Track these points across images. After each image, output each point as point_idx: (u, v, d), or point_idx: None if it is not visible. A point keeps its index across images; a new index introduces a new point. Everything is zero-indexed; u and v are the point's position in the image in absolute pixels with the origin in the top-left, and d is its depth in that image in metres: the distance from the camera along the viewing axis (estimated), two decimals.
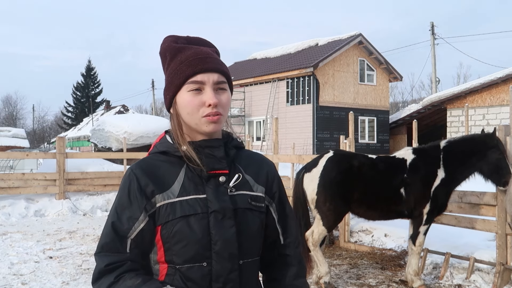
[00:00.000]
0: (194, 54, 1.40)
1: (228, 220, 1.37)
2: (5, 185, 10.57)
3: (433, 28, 29.62)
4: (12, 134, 25.29)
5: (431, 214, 4.98)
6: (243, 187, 1.45)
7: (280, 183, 1.58)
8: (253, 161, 1.54)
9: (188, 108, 1.37)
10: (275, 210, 1.53)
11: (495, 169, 4.78)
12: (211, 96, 1.36)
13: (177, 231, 1.33)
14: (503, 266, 4.97)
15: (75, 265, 6.26)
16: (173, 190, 1.37)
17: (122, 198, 1.38)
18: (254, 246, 1.44)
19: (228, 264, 1.36)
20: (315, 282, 5.28)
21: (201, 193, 1.38)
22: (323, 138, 23.41)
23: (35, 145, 50.92)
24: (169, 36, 1.47)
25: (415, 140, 13.93)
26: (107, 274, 1.31)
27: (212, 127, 1.38)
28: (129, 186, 1.37)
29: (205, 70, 1.38)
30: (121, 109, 45.33)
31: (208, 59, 1.40)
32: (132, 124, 14.25)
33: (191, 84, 1.37)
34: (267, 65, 27.06)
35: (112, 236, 1.35)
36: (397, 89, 60.00)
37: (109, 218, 1.38)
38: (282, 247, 1.54)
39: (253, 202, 1.45)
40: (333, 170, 5.02)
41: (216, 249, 1.34)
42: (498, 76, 19.34)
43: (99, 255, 1.35)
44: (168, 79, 1.42)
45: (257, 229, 1.45)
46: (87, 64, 58.33)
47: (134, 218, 1.35)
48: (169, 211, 1.35)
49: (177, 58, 1.41)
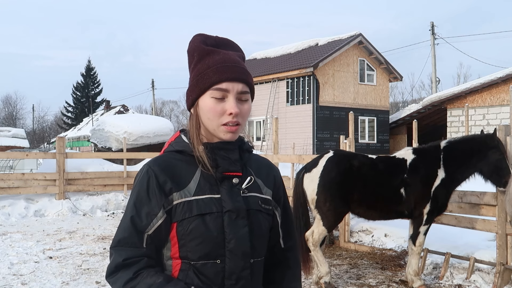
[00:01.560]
0: (222, 60, 1.41)
1: (241, 220, 1.41)
2: (5, 185, 10.57)
3: (433, 28, 29.62)
4: (12, 134, 25.28)
5: (431, 214, 4.98)
6: (254, 190, 1.50)
7: (284, 188, 1.64)
8: (262, 165, 1.59)
9: (209, 113, 1.40)
10: (279, 214, 1.59)
11: (495, 170, 4.78)
12: (233, 106, 1.39)
13: (193, 229, 1.37)
14: (503, 266, 4.96)
15: (75, 265, 6.26)
16: (190, 188, 1.40)
17: (140, 194, 1.40)
18: (263, 246, 1.49)
19: (241, 262, 1.40)
20: (315, 282, 5.28)
21: (216, 193, 1.42)
22: (323, 138, 23.41)
23: (35, 145, 50.90)
24: (199, 34, 1.48)
25: (415, 140, 13.94)
26: (124, 269, 1.34)
27: (230, 136, 1.42)
28: (148, 182, 1.40)
29: (231, 79, 1.40)
30: (121, 109, 45.32)
31: (235, 68, 1.42)
32: (132, 124, 14.25)
33: (216, 91, 1.39)
34: (267, 65, 27.06)
35: (130, 230, 1.37)
36: (397, 89, 60.03)
37: (127, 213, 1.40)
38: (282, 251, 1.60)
39: (263, 205, 1.51)
40: (333, 170, 5.02)
41: (229, 247, 1.39)
42: (498, 76, 19.34)
43: (116, 249, 1.37)
44: (193, 80, 1.44)
45: (266, 230, 1.51)
46: (87, 64, 58.42)
47: (153, 214, 1.38)
48: (186, 209, 1.38)
49: (204, 61, 1.42)
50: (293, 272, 1.60)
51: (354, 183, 4.99)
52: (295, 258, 1.62)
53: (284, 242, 1.59)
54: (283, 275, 1.59)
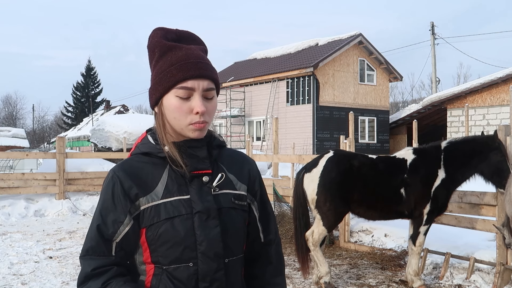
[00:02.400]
0: (185, 57, 1.36)
1: (212, 220, 1.38)
2: (5, 185, 10.56)
3: (433, 28, 29.62)
4: (12, 134, 25.28)
5: (431, 214, 4.98)
6: (227, 186, 1.45)
7: (261, 181, 1.59)
8: (235, 160, 1.54)
9: (175, 113, 1.36)
10: (256, 208, 1.54)
11: (496, 171, 4.77)
12: (200, 104, 1.35)
13: (162, 233, 1.34)
14: (503, 266, 4.96)
15: (75, 265, 6.26)
16: (157, 192, 1.37)
17: (106, 201, 1.37)
18: (238, 244, 1.46)
19: (214, 263, 1.37)
20: (315, 282, 5.28)
21: (185, 193, 1.38)
22: (323, 138, 23.41)
23: (35, 145, 50.90)
24: (158, 29, 1.42)
25: (415, 140, 13.94)
26: (93, 279, 1.31)
27: (197, 134, 1.38)
28: (113, 189, 1.36)
29: (195, 77, 1.35)
30: (121, 109, 45.29)
31: (200, 65, 1.37)
32: (132, 124, 14.27)
33: (181, 89, 1.35)
34: (267, 65, 27.06)
35: (97, 239, 1.34)
36: (397, 89, 60.08)
37: (93, 221, 1.37)
38: (262, 245, 1.56)
39: (237, 201, 1.46)
40: (333, 170, 5.01)
41: (201, 249, 1.35)
42: (498, 76, 19.34)
43: (85, 258, 1.35)
44: (155, 78, 1.39)
45: (241, 227, 1.47)
46: (87, 64, 58.41)
47: (119, 222, 1.35)
48: (154, 214, 1.35)
49: (167, 58, 1.37)
50: (274, 267, 1.57)
51: (354, 183, 4.99)
52: (277, 252, 1.59)
53: (264, 236, 1.56)
54: (264, 270, 1.56)
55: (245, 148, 10.42)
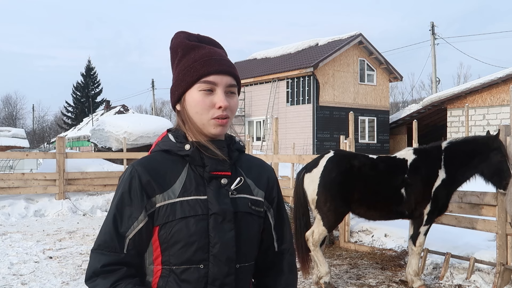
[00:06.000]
0: (209, 54, 1.39)
1: (227, 223, 1.35)
2: (5, 185, 10.56)
3: (433, 28, 29.62)
4: (12, 134, 25.27)
5: (431, 214, 4.98)
6: (244, 191, 1.43)
7: (279, 189, 1.57)
8: (254, 165, 1.52)
9: (197, 107, 1.36)
10: (272, 215, 1.52)
11: (497, 172, 4.77)
12: (223, 99, 1.35)
13: (175, 232, 1.32)
14: (503, 266, 4.96)
15: (75, 265, 6.26)
16: (174, 189, 1.35)
17: (123, 195, 1.35)
18: (251, 251, 1.43)
19: (225, 267, 1.34)
20: (315, 282, 5.28)
21: (202, 194, 1.36)
22: (323, 138, 23.40)
23: (35, 145, 50.86)
24: (181, 31, 1.46)
25: (415, 140, 13.93)
26: (102, 276, 1.30)
27: (219, 130, 1.38)
28: (131, 183, 1.35)
29: (219, 72, 1.37)
30: (121, 109, 45.31)
31: (223, 61, 1.39)
32: (132, 124, 14.24)
33: (204, 83, 1.36)
34: (267, 65, 27.06)
35: (111, 233, 1.33)
36: (397, 89, 60.04)
37: (109, 215, 1.35)
38: (275, 254, 1.53)
39: (253, 207, 1.44)
40: (334, 171, 5.01)
41: (214, 252, 1.33)
42: (498, 76, 19.34)
43: (96, 252, 1.33)
44: (178, 75, 1.40)
45: (256, 234, 1.44)
46: (87, 64, 58.41)
47: (134, 217, 1.33)
48: (169, 212, 1.33)
49: (190, 56, 1.39)
50: (286, 278, 1.52)
51: (354, 183, 4.98)
52: (290, 262, 1.54)
53: (278, 245, 1.52)
54: (275, 280, 1.52)
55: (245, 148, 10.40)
